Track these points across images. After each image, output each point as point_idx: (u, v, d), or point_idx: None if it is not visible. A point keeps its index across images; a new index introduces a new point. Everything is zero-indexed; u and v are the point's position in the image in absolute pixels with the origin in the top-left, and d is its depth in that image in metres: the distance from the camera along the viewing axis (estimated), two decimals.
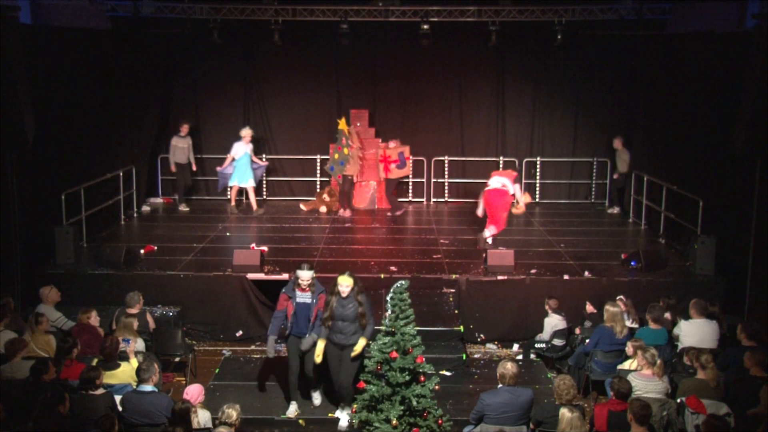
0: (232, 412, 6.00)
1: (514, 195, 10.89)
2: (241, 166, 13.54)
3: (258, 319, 10.13)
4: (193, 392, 6.47)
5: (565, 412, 5.86)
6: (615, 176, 14.23)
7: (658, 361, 6.86)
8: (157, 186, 15.20)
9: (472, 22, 13.38)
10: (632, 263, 10.45)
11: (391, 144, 14.14)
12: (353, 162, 14.08)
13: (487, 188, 11.01)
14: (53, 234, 10.41)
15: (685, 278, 10.16)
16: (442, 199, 15.33)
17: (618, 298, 8.88)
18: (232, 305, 10.11)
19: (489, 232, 11.11)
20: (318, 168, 15.07)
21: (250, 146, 13.68)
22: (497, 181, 10.96)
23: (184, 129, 14.07)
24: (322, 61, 14.89)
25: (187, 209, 14.15)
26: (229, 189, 14.11)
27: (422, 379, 5.94)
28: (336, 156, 14.04)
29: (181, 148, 14.02)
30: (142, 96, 13.97)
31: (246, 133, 13.60)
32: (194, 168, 14.42)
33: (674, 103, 12.16)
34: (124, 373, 7.10)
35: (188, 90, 14.97)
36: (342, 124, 14.15)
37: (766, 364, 6.84)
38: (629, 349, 7.56)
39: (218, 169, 13.96)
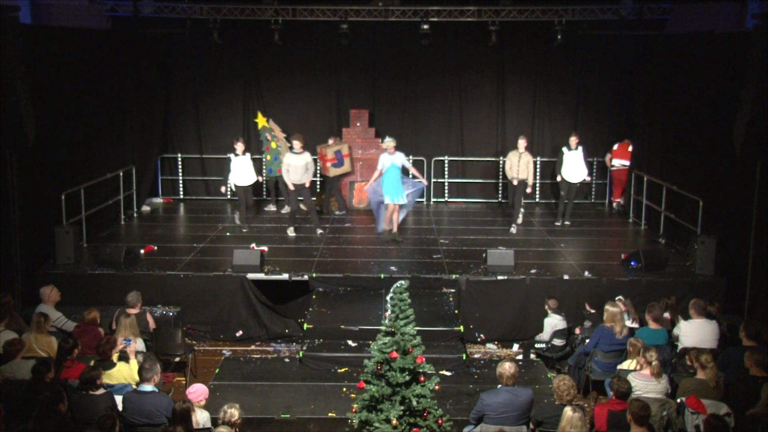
0: (234, 412, 6.00)
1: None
2: (389, 181, 11.42)
3: (258, 319, 10.14)
4: (197, 391, 6.47)
5: (567, 411, 5.86)
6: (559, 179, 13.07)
7: (654, 362, 6.85)
8: (157, 186, 15.21)
9: (472, 22, 13.39)
10: (632, 263, 10.44)
11: (330, 141, 14.02)
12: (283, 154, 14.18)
13: (613, 168, 14.22)
14: (53, 234, 10.41)
15: (685, 278, 10.15)
16: (442, 199, 15.34)
17: (617, 298, 8.88)
18: (232, 305, 10.11)
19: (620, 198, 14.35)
20: (317, 168, 15.09)
21: (399, 156, 11.47)
22: (619, 162, 14.13)
23: (298, 145, 12.05)
24: (322, 61, 14.90)
25: (294, 235, 12.18)
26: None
27: (422, 379, 5.93)
28: (268, 157, 14.18)
29: (294, 166, 11.99)
30: (142, 96, 13.96)
31: (387, 143, 11.45)
32: (307, 185, 12.16)
33: (674, 103, 12.16)
34: (120, 372, 7.08)
35: (188, 90, 14.97)
36: (260, 120, 14.22)
37: (766, 364, 6.84)
38: (630, 348, 7.56)
39: (366, 188, 12.06)
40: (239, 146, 12.43)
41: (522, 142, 12.63)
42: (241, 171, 12.46)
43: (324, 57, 14.83)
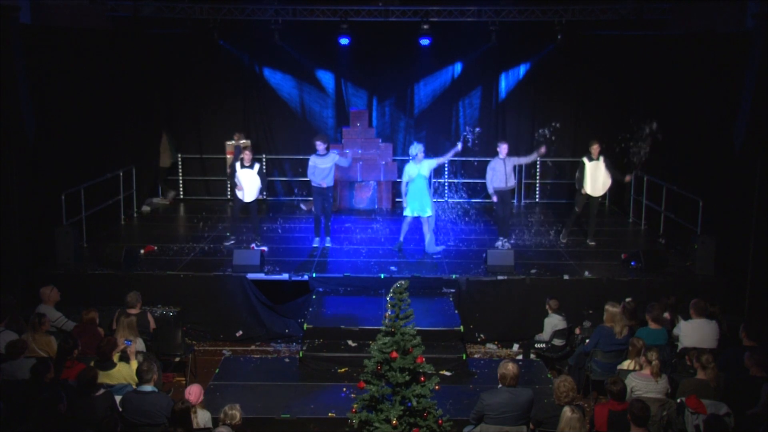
0: (236, 414, 6.00)
1: None
2: (414, 191, 10.67)
3: (258, 319, 10.14)
4: (194, 393, 6.47)
5: (566, 411, 5.87)
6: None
7: (654, 362, 6.85)
8: (157, 186, 15.20)
9: (472, 22, 13.38)
10: (632, 263, 10.44)
11: (235, 137, 14.08)
12: (163, 150, 14.50)
13: None
14: (53, 234, 10.41)
15: (685, 278, 10.16)
16: (443, 199, 15.33)
17: (627, 300, 8.87)
18: (232, 305, 10.11)
19: None
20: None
21: (423, 163, 10.63)
22: None
23: (321, 147, 10.81)
24: (322, 61, 14.89)
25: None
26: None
27: (422, 379, 5.93)
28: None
29: (321, 168, 10.86)
30: (142, 96, 13.95)
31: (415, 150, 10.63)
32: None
33: (674, 103, 12.16)
34: (120, 372, 7.09)
35: (188, 90, 14.96)
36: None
37: (766, 364, 6.84)
38: (631, 348, 7.56)
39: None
40: (247, 155, 10.83)
41: (504, 147, 11.15)
42: (247, 184, 10.85)
43: (324, 57, 14.82)
